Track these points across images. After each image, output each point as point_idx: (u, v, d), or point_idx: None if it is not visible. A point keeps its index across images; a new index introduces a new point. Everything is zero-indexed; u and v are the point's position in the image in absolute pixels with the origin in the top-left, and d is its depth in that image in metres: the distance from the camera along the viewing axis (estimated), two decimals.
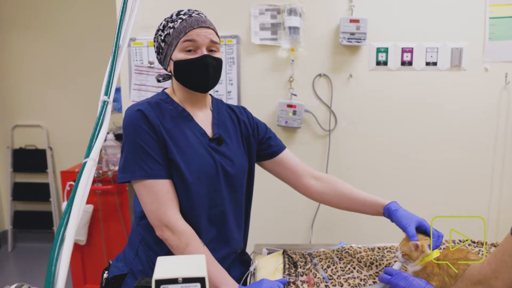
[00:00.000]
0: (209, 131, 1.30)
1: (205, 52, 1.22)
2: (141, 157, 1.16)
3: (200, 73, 1.22)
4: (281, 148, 1.44)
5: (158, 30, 1.27)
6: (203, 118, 1.31)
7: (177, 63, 1.22)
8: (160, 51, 1.27)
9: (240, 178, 1.34)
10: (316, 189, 1.43)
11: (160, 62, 1.30)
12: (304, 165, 1.46)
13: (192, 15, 1.23)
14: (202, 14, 1.27)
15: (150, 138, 1.17)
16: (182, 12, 1.24)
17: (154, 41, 1.29)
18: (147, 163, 1.16)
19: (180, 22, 1.21)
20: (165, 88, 1.34)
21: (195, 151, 1.23)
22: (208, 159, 1.24)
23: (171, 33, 1.22)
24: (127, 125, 1.19)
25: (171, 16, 1.25)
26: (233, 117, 1.39)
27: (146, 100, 1.25)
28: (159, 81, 1.28)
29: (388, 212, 1.31)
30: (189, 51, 1.21)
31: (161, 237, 1.17)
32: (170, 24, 1.23)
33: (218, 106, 1.38)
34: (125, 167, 1.18)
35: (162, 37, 1.24)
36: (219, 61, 1.26)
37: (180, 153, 1.20)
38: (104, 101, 0.87)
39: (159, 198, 1.16)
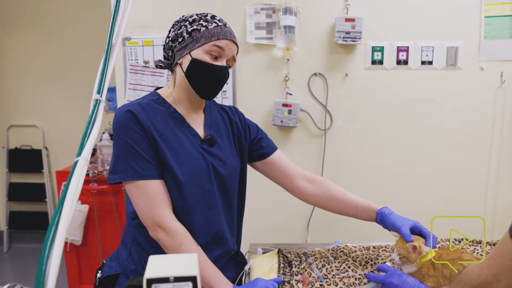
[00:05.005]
0: (201, 132, 1.29)
1: (225, 64, 1.24)
2: (132, 157, 1.15)
3: (214, 81, 1.24)
4: (272, 149, 1.44)
5: (185, 20, 1.25)
6: (196, 119, 1.30)
7: (197, 62, 1.21)
8: (180, 40, 1.24)
9: (232, 179, 1.34)
10: (308, 191, 1.42)
11: (169, 49, 1.27)
12: (296, 167, 1.45)
13: (226, 25, 1.26)
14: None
15: (140, 139, 1.16)
16: (217, 18, 1.26)
17: (174, 28, 1.26)
18: (138, 163, 1.15)
19: (215, 26, 1.23)
20: (157, 89, 1.32)
21: (186, 152, 1.22)
22: (200, 160, 1.24)
23: (202, 30, 1.21)
24: (117, 125, 1.17)
25: (206, 15, 1.25)
26: (225, 118, 1.38)
27: (136, 100, 1.24)
28: (157, 66, 1.29)
29: (381, 216, 1.30)
30: (213, 56, 1.23)
31: (154, 237, 1.16)
32: (203, 23, 1.22)
33: (210, 107, 1.37)
34: (116, 168, 1.17)
35: (189, 29, 1.22)
36: (228, 76, 1.28)
37: (172, 154, 1.20)
38: (97, 100, 0.86)
39: (151, 198, 1.16)
